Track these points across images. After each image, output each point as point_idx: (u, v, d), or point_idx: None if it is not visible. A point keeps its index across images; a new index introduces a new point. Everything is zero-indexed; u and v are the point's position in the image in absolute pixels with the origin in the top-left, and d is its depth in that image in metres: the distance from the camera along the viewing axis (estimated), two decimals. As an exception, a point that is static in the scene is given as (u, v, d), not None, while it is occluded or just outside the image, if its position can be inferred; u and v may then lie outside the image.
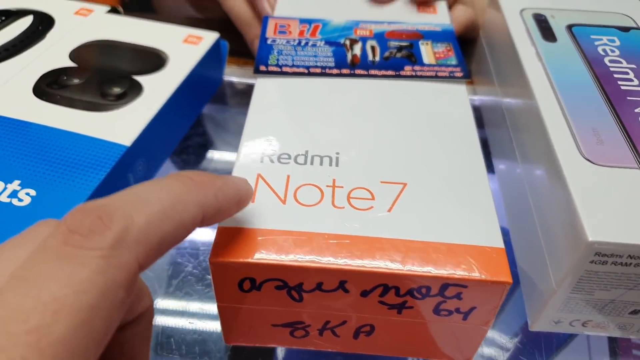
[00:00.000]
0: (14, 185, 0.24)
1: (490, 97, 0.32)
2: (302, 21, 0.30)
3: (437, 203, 0.21)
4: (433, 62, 0.27)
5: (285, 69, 0.26)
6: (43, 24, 0.35)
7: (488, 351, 0.25)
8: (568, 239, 0.20)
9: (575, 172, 0.21)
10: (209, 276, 0.26)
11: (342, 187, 0.21)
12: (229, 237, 0.19)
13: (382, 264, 0.18)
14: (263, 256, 0.19)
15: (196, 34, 0.33)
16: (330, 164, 0.22)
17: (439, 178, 0.22)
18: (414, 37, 0.29)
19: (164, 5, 0.57)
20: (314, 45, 0.28)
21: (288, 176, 0.21)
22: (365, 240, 0.19)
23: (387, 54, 0.27)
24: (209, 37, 0.33)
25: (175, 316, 0.25)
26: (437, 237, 0.19)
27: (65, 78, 0.30)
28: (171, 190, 0.15)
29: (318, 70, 0.26)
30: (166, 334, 0.24)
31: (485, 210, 0.21)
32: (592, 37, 0.29)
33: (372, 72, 0.26)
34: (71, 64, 0.31)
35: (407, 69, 0.26)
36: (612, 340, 0.26)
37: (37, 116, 0.28)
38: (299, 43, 0.28)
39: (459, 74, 0.26)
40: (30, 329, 0.11)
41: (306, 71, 0.26)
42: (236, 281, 0.19)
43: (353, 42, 0.28)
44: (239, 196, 0.17)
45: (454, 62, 0.27)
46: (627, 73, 0.26)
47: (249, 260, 0.18)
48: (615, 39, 0.28)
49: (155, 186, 0.15)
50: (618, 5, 0.31)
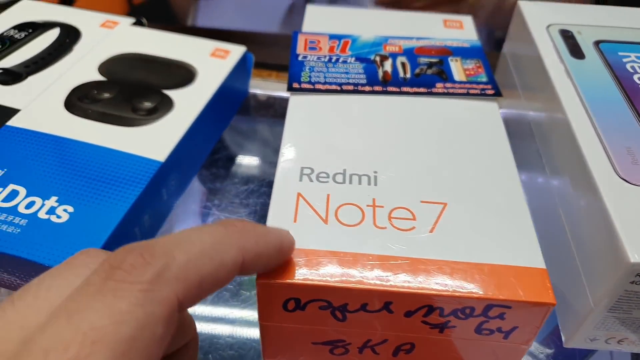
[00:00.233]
0: (52, 201, 0.24)
1: (515, 110, 0.32)
2: (332, 37, 0.30)
3: (477, 223, 0.21)
4: (464, 79, 0.27)
5: (317, 86, 0.26)
6: (70, 36, 0.35)
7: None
8: (607, 259, 0.20)
9: (612, 192, 0.21)
10: (244, 292, 0.26)
11: (383, 206, 0.21)
12: (274, 258, 0.19)
13: (427, 285, 0.19)
14: (309, 277, 0.19)
15: (223, 48, 0.33)
16: (369, 183, 0.22)
17: (477, 197, 0.22)
18: (443, 54, 0.29)
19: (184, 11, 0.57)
20: (344, 61, 0.28)
21: (328, 195, 0.22)
22: (410, 261, 0.19)
23: (417, 70, 0.28)
24: (237, 51, 0.33)
25: (212, 332, 0.25)
26: (480, 258, 0.20)
27: (95, 92, 0.30)
28: (213, 233, 0.15)
29: (350, 88, 0.26)
30: (203, 350, 0.24)
31: (525, 230, 0.21)
32: (620, 53, 0.29)
33: (404, 89, 0.27)
34: (100, 78, 0.32)
35: (439, 86, 0.27)
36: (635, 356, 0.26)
37: (70, 131, 0.28)
38: (330, 59, 0.28)
39: (491, 92, 0.27)
40: (70, 358, 0.11)
41: (339, 88, 0.26)
42: (281, 301, 0.19)
43: (383, 58, 0.28)
44: (281, 245, 0.18)
45: (484, 79, 0.27)
46: (656, 91, 0.26)
47: (296, 281, 0.19)
48: (643, 55, 0.29)
49: (198, 229, 0.15)
50: (643, 21, 0.31)
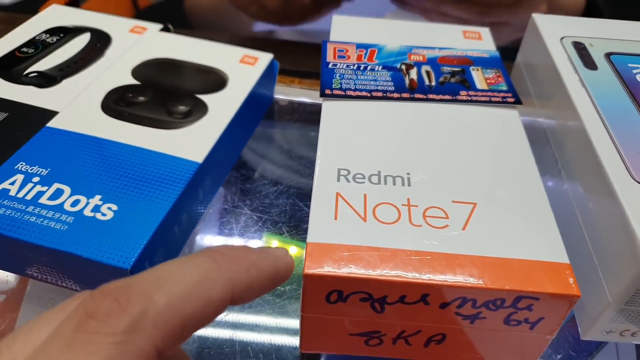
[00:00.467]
0: (96, 200, 0.26)
1: (530, 117, 0.34)
2: (359, 46, 0.31)
3: (505, 222, 0.22)
4: (485, 87, 0.29)
5: (348, 93, 0.28)
6: (100, 41, 0.36)
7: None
8: (624, 256, 0.22)
9: (628, 194, 0.23)
10: (279, 287, 0.27)
11: (417, 206, 0.23)
12: (319, 252, 0.21)
13: (462, 278, 0.20)
14: (352, 270, 0.20)
15: (251, 55, 0.35)
16: (403, 184, 0.24)
17: (504, 198, 0.23)
18: (465, 63, 0.31)
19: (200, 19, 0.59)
20: (372, 69, 0.30)
21: (365, 195, 0.23)
22: (445, 256, 0.21)
23: (442, 79, 0.29)
24: (264, 58, 0.34)
25: (248, 325, 0.26)
26: (509, 254, 0.21)
27: (130, 95, 0.32)
28: (199, 267, 0.14)
29: (379, 94, 0.28)
30: (243, 343, 0.25)
31: (549, 228, 0.22)
32: (630, 65, 0.31)
33: (431, 96, 0.28)
34: (134, 82, 0.33)
35: (463, 94, 0.28)
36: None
37: (108, 132, 0.29)
38: (359, 67, 0.30)
39: (511, 100, 0.28)
40: None
41: (368, 94, 0.28)
42: (325, 293, 0.21)
43: (408, 67, 0.30)
44: (276, 269, 0.17)
45: (504, 87, 0.29)
46: (665, 100, 0.28)
47: (341, 273, 0.20)
48: (651, 67, 0.30)
49: (182, 264, 0.14)
50: (650, 34, 0.33)
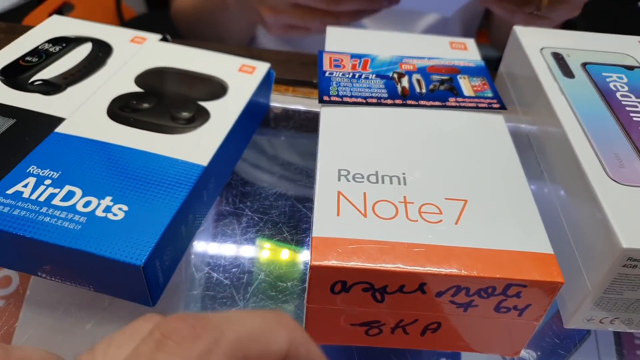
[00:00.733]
0: (107, 201, 0.27)
1: (513, 124, 0.36)
2: (353, 56, 0.33)
3: (495, 216, 0.24)
4: (472, 94, 0.31)
5: (345, 99, 0.30)
6: (102, 50, 0.37)
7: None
8: (602, 247, 0.24)
9: (605, 191, 0.25)
10: (281, 283, 0.28)
11: (413, 202, 0.24)
12: (323, 245, 0.22)
13: (457, 268, 0.22)
14: (356, 262, 0.22)
15: (249, 64, 0.36)
16: (399, 183, 0.25)
17: (492, 195, 0.25)
18: (453, 72, 0.33)
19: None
20: (367, 77, 0.31)
21: (364, 193, 0.25)
22: (440, 248, 0.23)
23: (431, 86, 0.31)
24: (262, 67, 0.36)
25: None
26: (499, 245, 0.23)
27: (135, 102, 0.33)
28: (265, 317, 0.16)
29: (374, 101, 0.30)
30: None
31: (534, 222, 0.24)
32: (604, 74, 0.33)
33: (422, 102, 0.30)
34: (137, 89, 0.34)
35: (452, 100, 0.30)
36: (618, 342, 0.30)
37: (116, 137, 0.30)
38: (354, 76, 0.31)
39: (496, 106, 0.30)
40: None
41: (364, 101, 0.30)
42: (329, 284, 0.22)
43: (400, 75, 0.32)
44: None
45: (490, 94, 0.31)
46: (636, 106, 0.31)
47: (345, 264, 0.22)
48: (623, 76, 0.33)
49: (250, 312, 0.16)
50: (622, 46, 0.36)
